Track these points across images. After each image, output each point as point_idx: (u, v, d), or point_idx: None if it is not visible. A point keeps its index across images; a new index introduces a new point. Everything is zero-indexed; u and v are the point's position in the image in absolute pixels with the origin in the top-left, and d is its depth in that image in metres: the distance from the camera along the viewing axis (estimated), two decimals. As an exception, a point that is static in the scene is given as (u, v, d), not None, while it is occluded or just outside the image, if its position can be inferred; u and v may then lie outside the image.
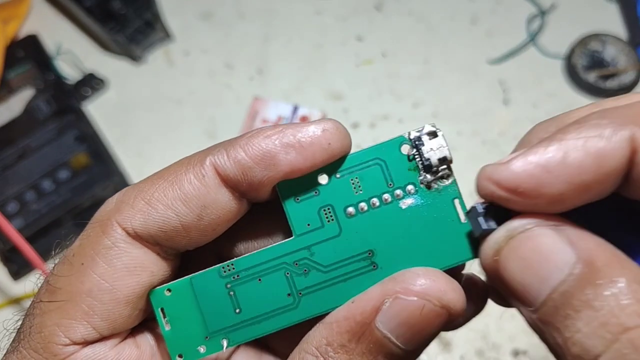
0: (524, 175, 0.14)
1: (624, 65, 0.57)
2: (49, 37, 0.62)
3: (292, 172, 0.16)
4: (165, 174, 0.17)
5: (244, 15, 0.63)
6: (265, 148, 0.16)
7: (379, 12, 0.63)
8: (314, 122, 0.16)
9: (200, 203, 0.17)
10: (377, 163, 0.17)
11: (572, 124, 0.15)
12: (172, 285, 0.18)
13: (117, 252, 0.17)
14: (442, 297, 0.16)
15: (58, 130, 0.55)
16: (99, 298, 0.17)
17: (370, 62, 0.60)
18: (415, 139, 0.17)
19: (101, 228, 0.17)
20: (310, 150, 0.16)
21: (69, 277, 0.17)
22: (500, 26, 0.61)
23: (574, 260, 0.14)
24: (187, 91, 0.59)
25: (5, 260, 0.52)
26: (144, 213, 0.17)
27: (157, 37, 0.61)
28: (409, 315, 0.16)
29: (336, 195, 0.17)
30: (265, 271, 0.17)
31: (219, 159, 0.17)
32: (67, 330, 0.17)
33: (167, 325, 0.18)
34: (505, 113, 0.57)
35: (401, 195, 0.17)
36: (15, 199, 0.52)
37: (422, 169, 0.17)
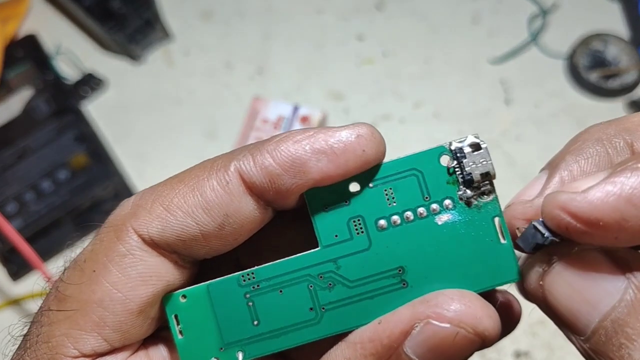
0: (606, 208, 0.13)
1: (626, 65, 0.57)
2: (48, 37, 0.62)
3: (323, 180, 0.15)
4: (185, 177, 0.16)
5: (243, 15, 0.63)
6: (294, 154, 0.15)
7: (379, 11, 0.63)
8: (347, 127, 0.15)
9: (222, 212, 0.16)
10: (413, 174, 0.16)
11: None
12: (187, 292, 0.17)
13: (132, 260, 0.16)
14: (477, 325, 0.15)
15: (57, 131, 0.55)
16: (110, 308, 0.16)
17: (371, 62, 0.60)
18: (456, 150, 0.16)
19: (115, 233, 0.16)
20: (343, 157, 0.15)
21: (80, 285, 0.16)
22: (501, 26, 0.61)
23: (625, 284, 0.13)
24: (187, 91, 0.59)
25: (5, 260, 0.52)
26: (162, 219, 0.16)
27: (156, 37, 0.61)
28: (440, 343, 0.15)
29: (368, 206, 0.16)
30: (288, 282, 0.16)
31: (244, 164, 0.15)
32: (76, 342, 0.16)
33: (180, 334, 0.17)
34: (506, 113, 0.57)
35: (437, 210, 0.16)
36: (15, 200, 0.52)
37: (462, 183, 0.16)
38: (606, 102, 0.57)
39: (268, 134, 0.48)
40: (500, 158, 0.55)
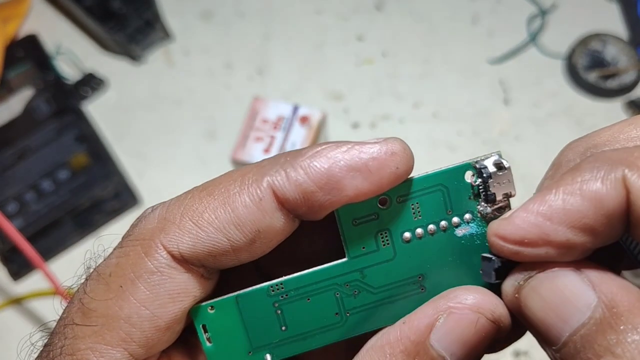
0: (527, 225, 0.14)
1: (625, 65, 0.57)
2: (49, 37, 0.62)
3: (357, 197, 0.15)
4: (214, 190, 0.16)
5: (243, 15, 0.63)
6: (329, 171, 0.15)
7: (379, 11, 0.63)
8: (380, 143, 0.15)
9: (255, 228, 0.15)
10: (439, 189, 0.17)
11: (570, 171, 0.15)
12: (216, 303, 0.17)
13: (161, 278, 0.16)
14: (494, 310, 0.15)
15: (58, 131, 0.55)
16: (138, 325, 0.16)
17: (370, 62, 0.60)
18: (482, 168, 0.16)
19: (143, 248, 0.16)
20: (378, 175, 0.15)
21: (106, 300, 0.16)
22: (500, 26, 0.61)
23: (594, 302, 0.14)
24: (187, 91, 0.59)
25: (5, 260, 0.52)
26: (192, 236, 0.15)
27: (156, 37, 0.61)
28: (463, 331, 0.15)
29: (395, 220, 0.17)
30: (315, 291, 0.17)
31: (277, 180, 0.15)
32: (101, 356, 0.16)
33: (209, 341, 0.17)
34: (505, 113, 0.57)
35: (458, 223, 0.17)
36: (15, 199, 0.52)
37: (483, 200, 0.16)
38: (605, 102, 0.57)
39: (268, 134, 0.48)
40: (499, 158, 0.55)
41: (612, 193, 0.14)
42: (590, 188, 0.14)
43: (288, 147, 0.48)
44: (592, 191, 0.14)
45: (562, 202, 0.14)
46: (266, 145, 0.48)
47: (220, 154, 0.55)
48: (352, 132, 0.56)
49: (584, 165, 0.14)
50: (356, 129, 0.57)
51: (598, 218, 0.14)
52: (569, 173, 0.15)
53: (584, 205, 0.14)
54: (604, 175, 0.14)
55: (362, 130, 0.57)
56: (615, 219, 0.14)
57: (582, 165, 0.14)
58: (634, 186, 0.13)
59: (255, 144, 0.48)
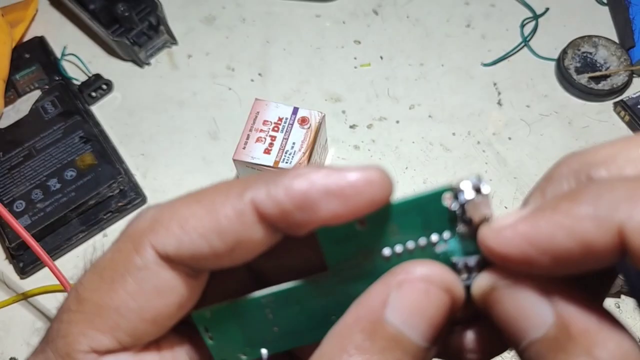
0: (512, 247, 0.15)
1: (616, 67, 0.58)
2: (55, 41, 0.63)
3: (333, 220, 0.16)
4: (202, 198, 0.17)
5: (245, 19, 0.64)
6: (307, 193, 0.15)
7: (377, 15, 0.64)
8: (360, 170, 0.16)
9: (235, 238, 0.16)
10: (418, 213, 0.17)
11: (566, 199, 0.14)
12: (213, 310, 0.18)
13: (148, 273, 0.17)
14: (444, 279, 0.16)
15: (64, 131, 0.56)
16: (126, 316, 0.17)
17: (368, 65, 0.61)
18: (459, 192, 0.16)
19: (134, 246, 0.17)
20: (354, 201, 0.15)
21: (99, 290, 0.17)
22: (494, 30, 0.62)
23: (551, 322, 0.14)
24: (190, 93, 0.61)
25: (13, 257, 0.53)
26: (177, 238, 0.16)
27: (160, 41, 0.62)
28: (416, 302, 0.16)
29: (375, 240, 0.17)
30: (304, 299, 0.18)
31: (259, 195, 0.16)
32: (91, 340, 0.17)
33: (210, 339, 0.19)
34: (499, 114, 0.58)
35: (436, 241, 0.17)
36: (22, 198, 0.53)
37: (461, 221, 0.17)
38: (596, 104, 0.58)
39: (268, 135, 0.49)
40: (492, 158, 0.56)
41: (604, 240, 0.13)
42: (582, 230, 0.14)
43: (288, 147, 0.49)
44: (583, 234, 0.14)
45: (550, 235, 0.14)
46: (267, 146, 0.49)
47: (222, 154, 0.57)
48: (350, 132, 0.58)
49: (582, 196, 0.14)
50: (354, 129, 0.58)
51: (585, 259, 0.14)
52: (566, 201, 0.14)
53: (572, 245, 0.14)
54: (599, 218, 0.13)
55: (359, 130, 0.58)
56: (604, 259, 0.14)
57: (580, 197, 0.14)
58: (632, 240, 0.13)
59: (256, 144, 0.49)
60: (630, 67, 0.58)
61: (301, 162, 0.49)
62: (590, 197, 0.14)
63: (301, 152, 0.49)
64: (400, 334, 0.15)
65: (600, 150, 0.15)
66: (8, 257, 0.54)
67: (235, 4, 0.65)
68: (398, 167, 0.56)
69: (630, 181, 0.14)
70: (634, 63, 0.58)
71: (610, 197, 0.13)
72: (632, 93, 0.57)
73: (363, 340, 0.15)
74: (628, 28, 0.60)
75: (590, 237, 0.13)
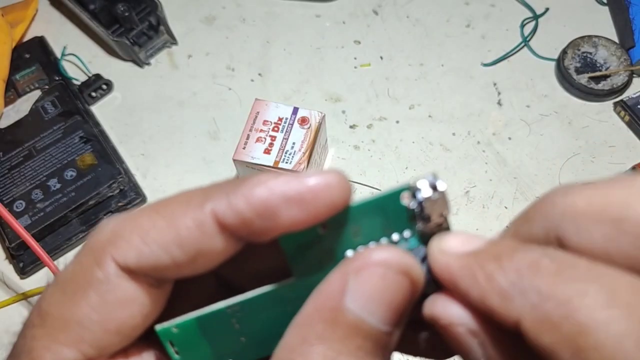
0: (445, 275, 0.16)
1: (615, 67, 0.58)
2: (55, 41, 0.63)
3: (294, 226, 0.16)
4: (163, 209, 0.17)
5: (245, 19, 0.64)
6: (267, 200, 0.16)
7: (377, 16, 0.64)
8: (317, 175, 0.16)
9: (195, 248, 0.16)
10: (378, 213, 0.17)
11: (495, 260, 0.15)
12: (178, 324, 0.18)
13: (110, 286, 0.17)
14: (401, 262, 0.16)
15: (64, 131, 0.56)
16: (89, 328, 0.17)
17: (368, 65, 0.61)
18: (416, 191, 0.17)
19: (95, 259, 0.17)
20: (313, 205, 0.16)
21: (61, 304, 0.17)
22: (494, 30, 0.62)
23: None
24: (190, 93, 0.61)
25: (13, 257, 0.53)
26: (138, 251, 0.16)
27: (160, 41, 0.62)
28: (374, 287, 0.16)
29: (337, 242, 0.17)
30: (269, 307, 0.18)
31: (219, 206, 0.16)
32: (55, 355, 0.17)
33: (177, 353, 0.18)
34: (499, 114, 0.58)
35: (398, 240, 0.17)
36: (22, 198, 0.53)
37: (420, 219, 0.17)
38: (596, 103, 0.58)
39: (268, 135, 0.49)
40: (492, 158, 0.56)
41: (507, 322, 0.14)
42: (491, 303, 0.14)
43: (288, 147, 0.49)
44: (492, 307, 0.14)
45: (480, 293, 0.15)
46: (267, 146, 0.49)
47: (222, 154, 0.57)
48: (350, 132, 0.58)
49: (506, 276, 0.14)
50: (354, 129, 0.58)
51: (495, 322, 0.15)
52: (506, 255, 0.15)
53: (484, 308, 0.15)
54: (507, 298, 0.14)
55: (359, 130, 0.58)
56: None
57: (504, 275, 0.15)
58: (524, 331, 0.14)
59: (256, 144, 0.49)
60: (630, 67, 0.58)
61: (301, 162, 0.49)
62: (515, 290, 0.14)
63: (301, 152, 0.49)
64: (360, 320, 0.15)
65: (577, 201, 0.15)
66: (8, 257, 0.54)
67: (235, 4, 0.65)
68: (398, 167, 0.56)
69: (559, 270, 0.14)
70: (634, 63, 0.58)
71: (527, 284, 0.14)
72: (632, 93, 0.57)
73: (324, 330, 0.15)
74: (628, 28, 0.60)
75: (493, 310, 0.14)
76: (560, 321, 0.13)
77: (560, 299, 0.13)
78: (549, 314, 0.13)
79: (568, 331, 0.13)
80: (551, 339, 0.13)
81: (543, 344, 0.13)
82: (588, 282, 0.13)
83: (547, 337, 0.13)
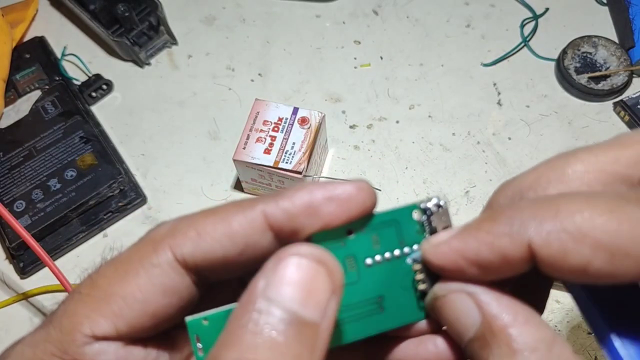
0: (446, 260, 0.18)
1: (615, 67, 0.58)
2: (55, 41, 0.63)
3: (331, 222, 0.18)
4: (218, 211, 0.19)
5: (245, 20, 0.64)
6: (310, 199, 0.18)
7: (377, 16, 0.64)
8: (349, 182, 0.19)
9: (244, 241, 0.18)
10: (393, 224, 0.20)
11: (489, 219, 0.17)
12: (209, 316, 0.19)
13: (160, 271, 0.19)
14: (313, 252, 0.17)
15: (64, 131, 0.56)
16: (130, 305, 0.18)
17: (368, 65, 0.61)
18: (425, 208, 0.20)
19: (153, 247, 0.19)
20: (348, 204, 0.18)
21: (111, 279, 0.19)
22: (494, 30, 0.62)
23: (478, 323, 0.17)
24: (190, 93, 0.61)
25: (13, 257, 0.53)
26: (194, 242, 0.18)
27: (160, 41, 0.62)
28: (291, 274, 0.17)
29: (359, 248, 0.20)
30: None
31: (268, 206, 0.18)
32: (93, 324, 0.18)
33: (201, 351, 0.19)
34: (499, 114, 0.58)
35: (408, 252, 0.20)
36: (22, 198, 0.53)
37: (428, 232, 0.20)
38: (596, 103, 0.58)
39: (268, 135, 0.49)
40: (492, 158, 0.56)
41: (518, 252, 0.16)
42: (500, 245, 0.17)
43: (288, 147, 0.49)
44: (501, 248, 0.17)
45: (476, 249, 0.17)
46: (267, 146, 0.49)
47: (222, 154, 0.57)
48: (350, 132, 0.58)
49: (500, 217, 0.17)
50: (354, 129, 0.58)
51: (504, 267, 0.17)
52: (487, 221, 0.17)
53: (493, 257, 0.17)
54: (512, 235, 0.16)
55: (359, 131, 0.58)
56: (521, 267, 0.17)
57: (498, 218, 0.17)
58: (539, 252, 0.16)
59: (256, 144, 0.49)
60: (630, 67, 0.58)
61: (301, 162, 0.49)
62: (506, 218, 0.17)
63: (301, 152, 0.49)
64: (283, 307, 0.16)
65: (527, 176, 0.19)
66: (8, 257, 0.54)
67: (235, 4, 0.65)
68: (398, 167, 0.56)
69: (538, 202, 0.17)
70: (634, 63, 0.58)
71: (521, 217, 0.16)
72: (631, 93, 0.57)
73: (254, 325, 0.16)
74: (628, 28, 0.60)
75: (506, 251, 0.17)
76: (561, 225, 0.16)
77: (553, 210, 0.16)
78: (550, 225, 0.16)
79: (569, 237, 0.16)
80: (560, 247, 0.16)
81: (554, 252, 0.16)
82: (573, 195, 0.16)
83: (555, 245, 0.16)
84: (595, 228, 0.15)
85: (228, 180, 0.56)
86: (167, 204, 0.55)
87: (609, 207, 0.15)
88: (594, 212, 0.15)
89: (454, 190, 0.55)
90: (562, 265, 0.16)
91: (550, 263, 0.16)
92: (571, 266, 0.16)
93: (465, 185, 0.55)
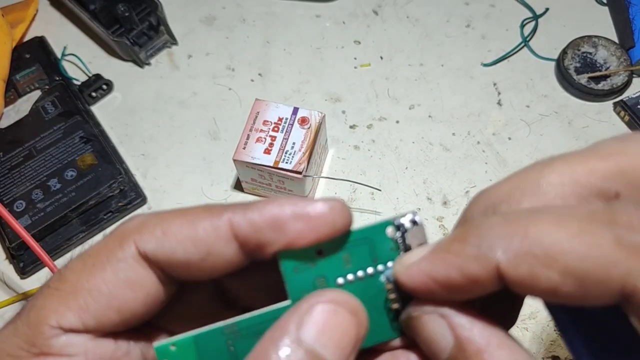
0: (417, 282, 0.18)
1: (615, 67, 0.58)
2: (55, 41, 0.63)
3: (297, 239, 0.18)
4: (188, 212, 0.19)
5: (245, 20, 0.64)
6: (277, 214, 0.18)
7: (377, 16, 0.64)
8: (323, 200, 0.18)
9: (207, 249, 0.18)
10: (365, 242, 0.19)
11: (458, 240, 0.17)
12: (176, 342, 0.19)
13: (125, 265, 0.19)
14: (349, 301, 0.18)
15: (64, 131, 0.56)
16: (96, 300, 0.19)
17: (368, 65, 0.61)
18: (399, 225, 0.19)
19: (119, 241, 0.19)
20: (317, 223, 0.18)
21: (79, 272, 0.19)
22: (494, 30, 0.62)
23: (451, 345, 0.17)
24: (190, 93, 0.61)
25: (13, 257, 0.53)
26: (158, 241, 0.19)
27: (160, 41, 0.62)
28: (327, 322, 0.17)
29: (330, 268, 0.19)
30: (263, 329, 0.19)
31: (235, 215, 0.18)
32: (60, 316, 0.19)
33: None
34: (499, 114, 0.58)
35: (382, 270, 0.20)
36: (22, 198, 0.53)
37: (402, 249, 0.20)
38: (596, 103, 0.58)
39: (268, 135, 0.49)
40: (492, 158, 0.56)
41: (486, 274, 0.16)
42: (469, 268, 0.16)
43: (288, 147, 0.49)
44: (470, 271, 0.16)
45: (444, 273, 0.17)
46: (267, 146, 0.49)
47: (222, 154, 0.57)
48: (350, 132, 0.58)
49: (468, 238, 0.17)
50: (354, 129, 0.58)
51: (474, 289, 0.17)
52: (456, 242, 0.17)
53: (461, 280, 0.17)
54: (480, 258, 0.16)
55: (359, 130, 0.58)
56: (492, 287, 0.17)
57: (467, 238, 0.17)
58: (507, 274, 0.16)
59: (256, 144, 0.49)
60: (630, 67, 0.58)
61: (301, 162, 0.49)
62: (474, 238, 0.16)
63: (301, 152, 0.49)
64: (313, 353, 0.17)
65: (501, 187, 0.18)
66: (8, 257, 0.54)
67: (235, 4, 0.65)
68: (398, 167, 0.56)
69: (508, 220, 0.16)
70: (634, 63, 0.58)
71: (489, 237, 0.16)
72: (632, 93, 0.57)
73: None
74: (628, 28, 0.60)
75: (475, 274, 0.16)
76: (529, 248, 0.15)
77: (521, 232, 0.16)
78: (518, 247, 0.16)
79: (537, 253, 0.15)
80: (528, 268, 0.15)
81: (523, 275, 0.15)
82: (535, 213, 0.16)
83: (524, 268, 0.15)
84: (563, 252, 0.15)
85: (228, 180, 0.56)
86: (167, 204, 0.55)
87: (579, 229, 0.15)
88: (563, 235, 0.15)
89: (454, 190, 0.55)
90: (531, 288, 0.16)
91: (519, 285, 0.16)
92: (540, 289, 0.15)
93: (465, 185, 0.55)
